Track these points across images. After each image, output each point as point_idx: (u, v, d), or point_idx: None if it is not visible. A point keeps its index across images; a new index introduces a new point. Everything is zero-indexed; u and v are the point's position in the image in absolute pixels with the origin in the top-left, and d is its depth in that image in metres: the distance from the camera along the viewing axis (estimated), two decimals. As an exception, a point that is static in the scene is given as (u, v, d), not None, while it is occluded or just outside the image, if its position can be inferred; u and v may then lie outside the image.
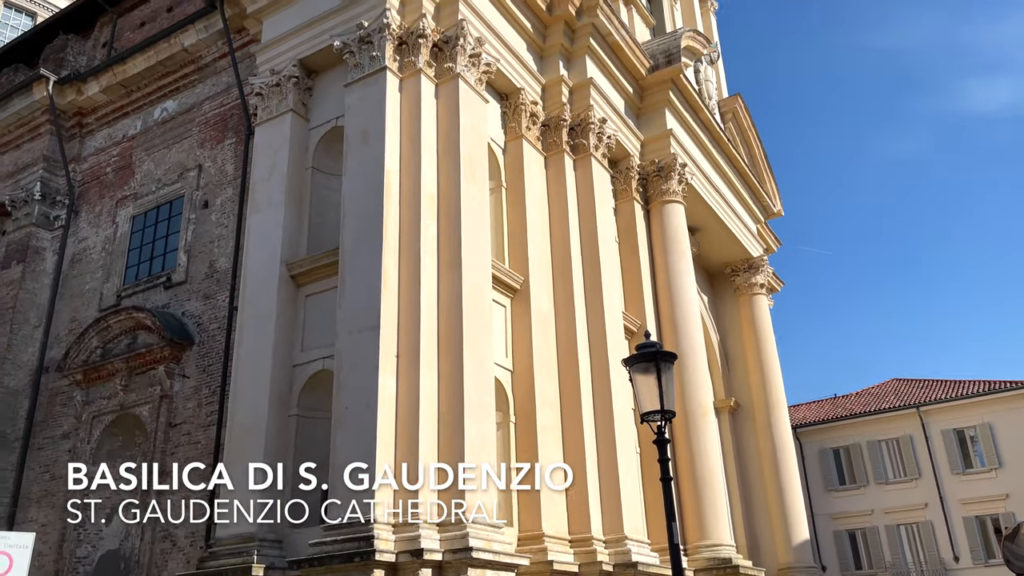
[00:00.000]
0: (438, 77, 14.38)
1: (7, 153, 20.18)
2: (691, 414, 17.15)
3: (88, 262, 18.39)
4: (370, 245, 12.74)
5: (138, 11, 21.45)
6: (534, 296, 14.87)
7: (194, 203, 17.14)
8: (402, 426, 11.76)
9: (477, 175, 14.02)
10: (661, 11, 24.40)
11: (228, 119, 17.44)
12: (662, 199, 18.85)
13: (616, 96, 18.42)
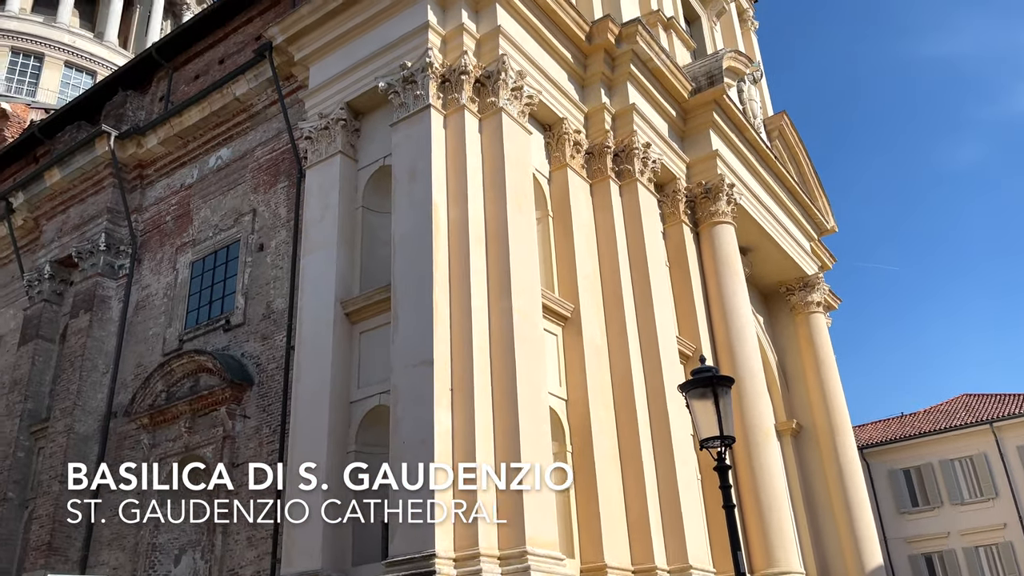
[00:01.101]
0: (481, 112, 14.58)
1: (73, 207, 21.03)
2: (752, 438, 16.79)
3: (151, 308, 18.97)
4: (421, 280, 12.90)
5: (192, 65, 22.30)
6: (585, 324, 14.82)
7: (250, 247, 17.59)
8: (459, 459, 11.77)
9: (523, 206, 14.12)
10: (701, 34, 24.40)
11: (280, 163, 17.93)
12: (711, 221, 18.68)
13: (659, 120, 18.40)
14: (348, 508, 12.31)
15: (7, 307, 22.93)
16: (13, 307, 22.58)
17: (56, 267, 20.69)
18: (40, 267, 20.90)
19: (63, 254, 20.50)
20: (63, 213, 21.23)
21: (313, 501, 11.97)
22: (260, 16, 20.79)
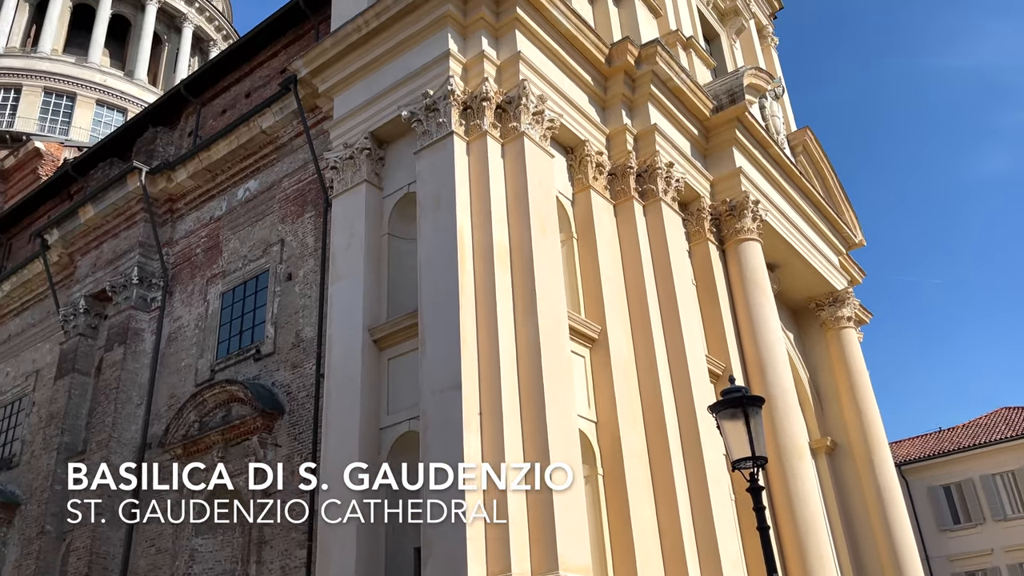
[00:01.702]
0: (503, 137, 14.70)
1: (106, 242, 21.46)
2: (786, 457, 16.56)
3: (183, 340, 19.23)
4: (447, 305, 12.97)
5: (219, 100, 22.76)
6: (613, 345, 14.77)
7: (278, 276, 17.80)
8: (489, 486, 11.74)
9: (548, 229, 14.17)
10: (721, 52, 24.44)
11: (307, 194, 18.18)
12: (737, 238, 18.59)
13: (681, 139, 18.41)
14: (381, 535, 12.36)
15: (44, 342, 23.38)
16: (49, 342, 23.02)
17: (90, 301, 21.08)
18: (75, 302, 21.31)
19: (97, 288, 20.89)
20: (97, 248, 21.66)
21: (346, 528, 12.00)
22: (284, 50, 21.21)
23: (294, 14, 20.39)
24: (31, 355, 23.74)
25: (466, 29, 15.27)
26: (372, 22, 15.76)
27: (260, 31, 21.28)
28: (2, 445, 23.02)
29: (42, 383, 22.54)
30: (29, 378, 23.20)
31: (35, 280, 23.89)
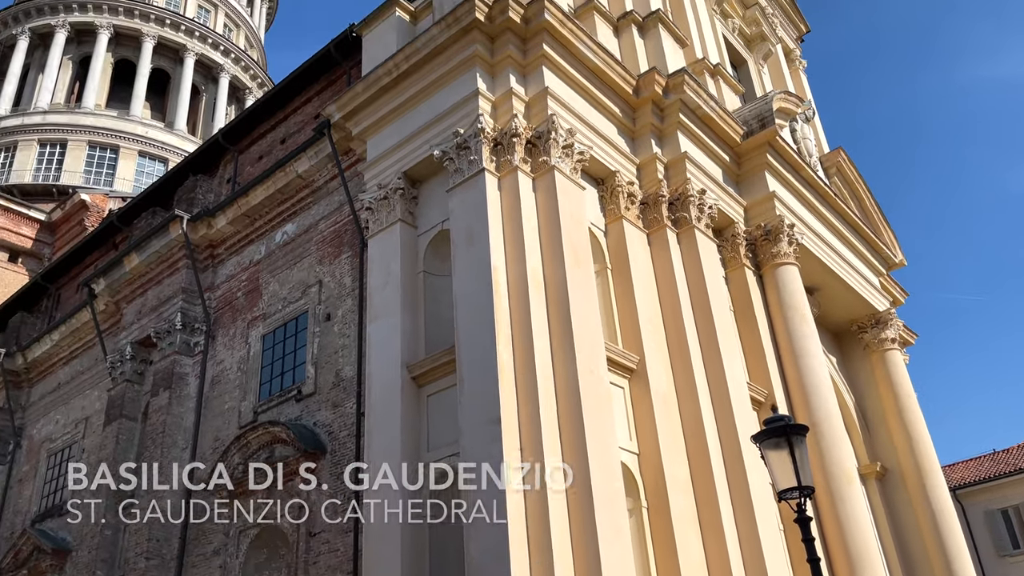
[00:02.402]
0: (534, 171, 14.83)
1: (150, 289, 21.96)
2: (835, 485, 16.19)
3: (226, 382, 19.51)
4: (484, 340, 13.02)
5: (255, 146, 23.32)
6: (652, 375, 14.67)
7: (317, 317, 18.04)
8: (532, 520, 11.68)
9: (581, 260, 14.20)
10: (749, 78, 24.47)
11: (343, 235, 18.46)
12: (774, 262, 18.42)
13: (712, 166, 18.39)
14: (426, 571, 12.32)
15: (92, 389, 23.90)
16: (98, 388, 23.52)
17: (136, 348, 21.53)
18: (121, 349, 21.78)
19: (142, 335, 21.35)
20: (141, 296, 22.18)
21: (390, 568, 11.99)
22: (318, 96, 21.71)
23: (326, 60, 20.90)
24: (80, 402, 24.27)
25: (494, 68, 15.52)
26: (402, 65, 16.10)
27: (294, 78, 21.83)
28: (54, 492, 23.47)
29: (91, 429, 23.00)
30: (79, 425, 23.70)
31: (83, 329, 24.51)
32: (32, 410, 26.27)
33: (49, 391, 25.83)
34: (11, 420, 26.05)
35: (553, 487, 11.87)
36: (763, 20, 25.78)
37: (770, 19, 26.55)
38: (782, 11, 28.29)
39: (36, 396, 26.37)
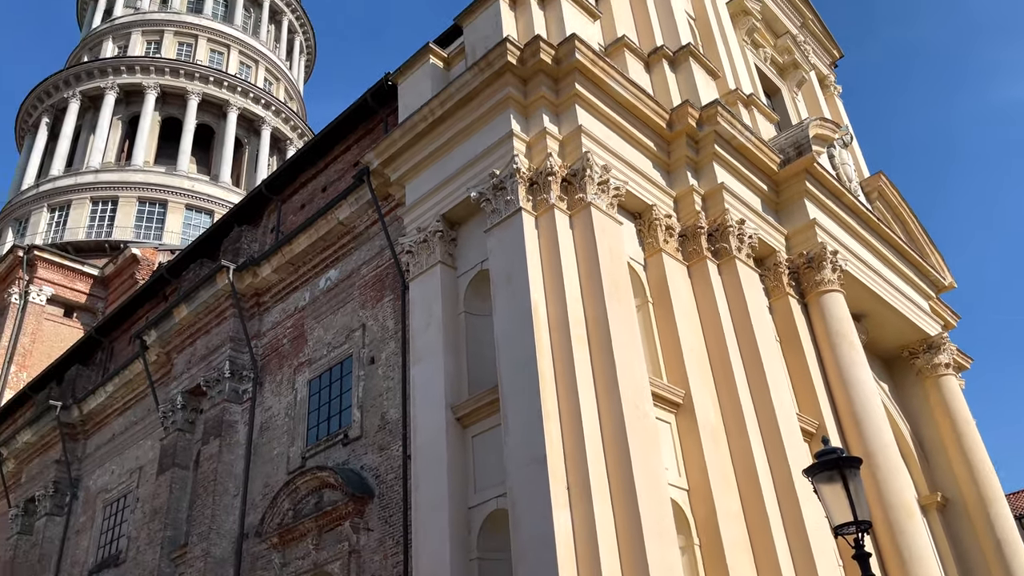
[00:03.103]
0: (571, 208, 14.91)
1: (199, 339, 22.43)
2: (893, 517, 15.68)
3: (274, 429, 19.74)
4: (527, 378, 13.01)
5: (297, 195, 23.86)
6: (699, 409, 14.48)
7: (362, 360, 18.23)
8: (583, 560, 11.53)
9: (622, 296, 14.17)
10: (783, 105, 24.40)
11: (384, 279, 18.71)
12: (818, 290, 18.15)
13: (751, 195, 18.29)
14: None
15: (146, 439, 24.35)
16: (151, 438, 23.96)
17: (187, 397, 21.93)
18: (173, 398, 22.21)
19: (192, 384, 21.76)
20: (191, 345, 22.65)
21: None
22: (356, 144, 22.19)
23: (363, 109, 21.40)
24: (134, 452, 24.73)
25: (527, 109, 15.73)
26: (437, 110, 16.40)
27: (333, 128, 22.36)
28: (110, 542, 23.83)
29: (145, 479, 23.38)
30: (133, 475, 24.13)
31: (136, 380, 25.06)
32: (88, 461, 26.83)
33: (104, 442, 26.39)
34: (68, 472, 26.63)
35: (602, 526, 11.72)
36: (795, 48, 25.75)
37: (802, 47, 26.51)
38: (814, 38, 28.24)
39: (92, 447, 26.95)
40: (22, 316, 39.28)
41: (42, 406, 28.23)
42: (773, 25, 25.97)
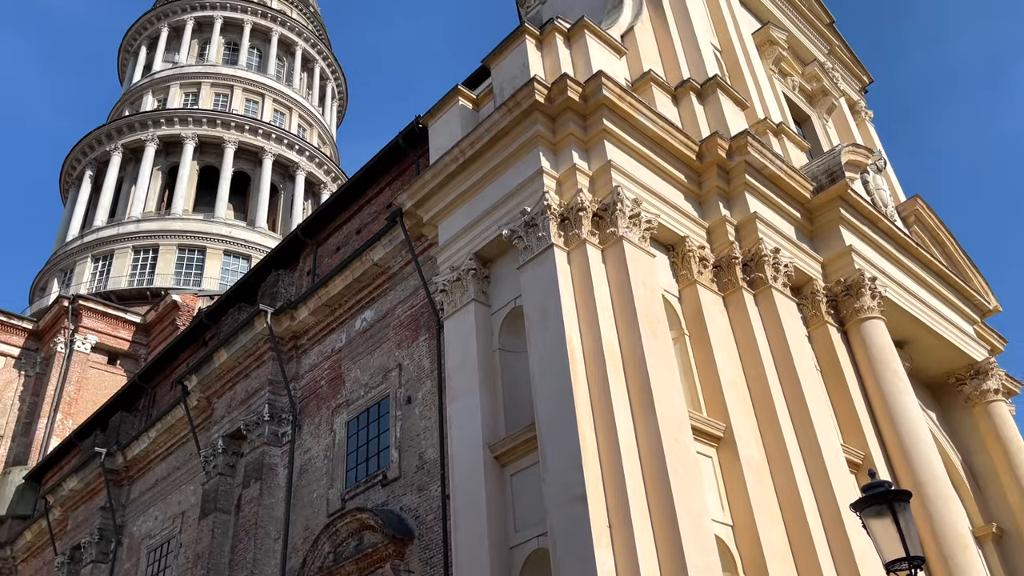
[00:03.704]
0: (603, 243, 14.91)
1: (239, 383, 22.69)
2: (948, 551, 15.16)
3: (314, 471, 19.81)
4: (564, 415, 12.92)
5: (332, 239, 24.21)
6: (740, 442, 14.23)
7: (399, 400, 18.27)
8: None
9: (657, 329, 14.07)
10: (814, 133, 24.28)
11: (419, 318, 18.82)
12: (858, 318, 17.85)
13: (784, 224, 18.14)
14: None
15: (188, 483, 24.57)
16: (193, 483, 24.17)
17: (228, 441, 22.14)
18: (214, 442, 22.42)
19: (233, 428, 21.96)
20: (231, 390, 22.92)
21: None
22: (389, 186, 22.51)
23: (395, 152, 21.74)
24: (177, 497, 24.95)
25: (556, 145, 15.85)
26: (467, 151, 16.60)
27: (365, 171, 22.73)
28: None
29: (187, 524, 23.54)
30: (176, 520, 24.32)
31: (178, 425, 25.39)
32: (132, 508, 27.12)
33: (147, 488, 26.68)
34: (112, 518, 26.94)
35: (645, 564, 11.51)
36: (823, 75, 25.68)
37: (830, 74, 26.43)
38: (842, 64, 28.15)
39: (136, 493, 27.26)
40: (68, 365, 40.12)
41: (87, 453, 28.71)
42: (800, 53, 25.96)
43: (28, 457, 38.51)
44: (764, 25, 24.12)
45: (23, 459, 38.68)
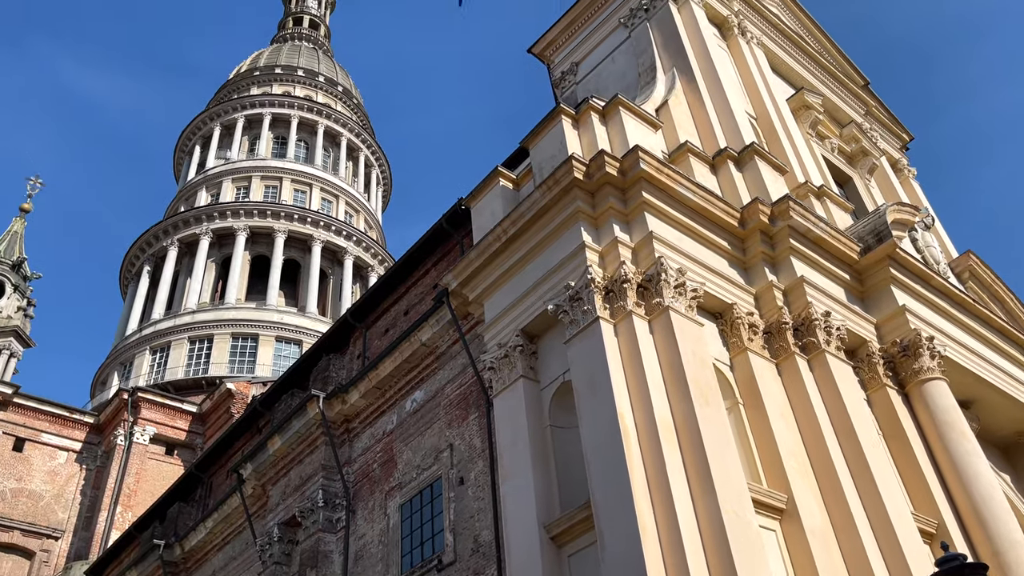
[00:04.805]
0: (649, 313, 14.87)
1: (293, 469, 22.78)
2: (1037, 622, 14.29)
3: (368, 557, 19.60)
4: (619, 491, 12.68)
5: (381, 321, 24.55)
6: (804, 513, 13.74)
7: (451, 482, 18.12)
8: None
9: (710, 399, 13.85)
10: (857, 194, 24.13)
11: (469, 397, 18.82)
12: (918, 379, 17.33)
13: (833, 287, 17.88)
14: None
15: (244, 573, 24.46)
16: (249, 572, 24.05)
17: (283, 529, 22.08)
18: (269, 531, 22.39)
19: (288, 515, 21.94)
20: (285, 476, 22.99)
21: None
22: (434, 267, 22.89)
23: (439, 234, 22.18)
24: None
25: (597, 220, 16.02)
26: (510, 229, 16.86)
27: (411, 254, 23.18)
28: None
29: (244, 615, 23.34)
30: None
31: (234, 514, 25.45)
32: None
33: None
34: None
35: (713, 647, 11.05)
36: (862, 136, 25.67)
37: (869, 134, 26.42)
38: (880, 124, 28.16)
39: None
40: (127, 457, 40.81)
41: (146, 545, 28.87)
42: (836, 116, 26.06)
43: (89, 551, 38.88)
44: (798, 91, 24.35)
45: (84, 554, 39.06)
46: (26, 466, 40.67)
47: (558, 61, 25.40)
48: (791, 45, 26.35)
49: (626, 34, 23.43)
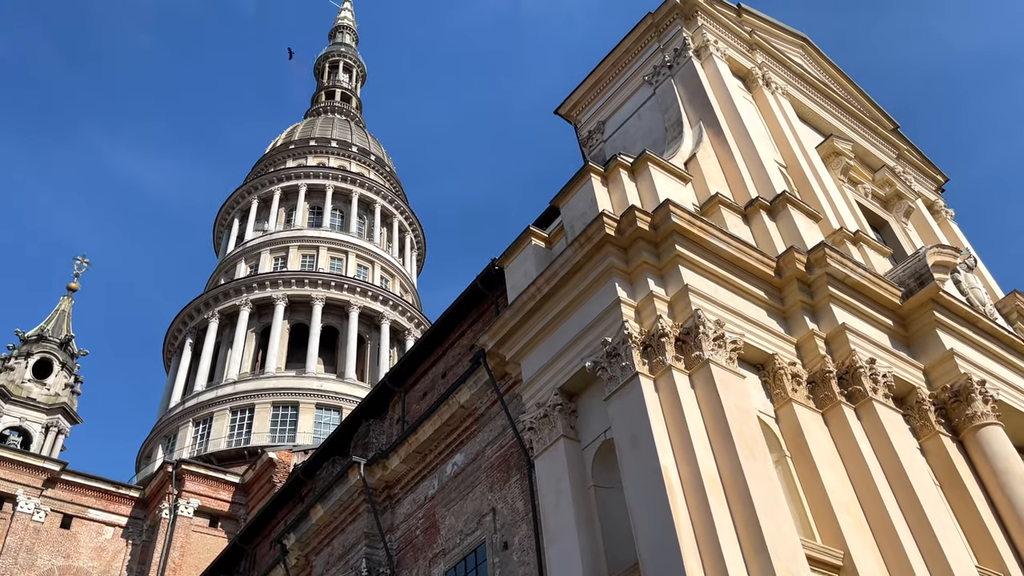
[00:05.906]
0: (689, 367, 14.68)
1: (336, 538, 22.60)
2: None
3: (413, 627, 19.21)
4: (667, 550, 12.35)
5: (419, 384, 24.56)
6: (862, 569, 13.21)
7: (495, 546, 17.81)
8: None
9: (757, 452, 13.53)
10: (894, 238, 23.83)
11: (509, 458, 18.61)
12: (972, 425, 16.77)
13: (876, 333, 17.52)
14: None
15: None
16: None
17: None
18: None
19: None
20: (328, 545, 22.80)
21: None
22: (470, 328, 22.94)
23: (474, 295, 22.30)
24: (278, 662, 24.42)
25: (631, 275, 15.99)
26: (543, 288, 16.89)
27: (447, 316, 23.30)
28: None
29: None
30: None
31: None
32: (234, 675, 26.65)
33: (249, 653, 26.28)
34: None
35: None
36: (895, 180, 25.47)
37: (902, 177, 26.21)
38: (913, 167, 27.95)
39: (238, 660, 26.85)
40: (172, 530, 40.79)
41: (191, 620, 28.63)
42: (868, 161, 25.95)
43: (135, 627, 38.68)
44: (827, 138, 24.34)
45: (130, 630, 38.85)
46: (73, 543, 40.84)
47: (584, 121, 25.76)
48: (817, 93, 26.46)
49: (651, 91, 23.74)
